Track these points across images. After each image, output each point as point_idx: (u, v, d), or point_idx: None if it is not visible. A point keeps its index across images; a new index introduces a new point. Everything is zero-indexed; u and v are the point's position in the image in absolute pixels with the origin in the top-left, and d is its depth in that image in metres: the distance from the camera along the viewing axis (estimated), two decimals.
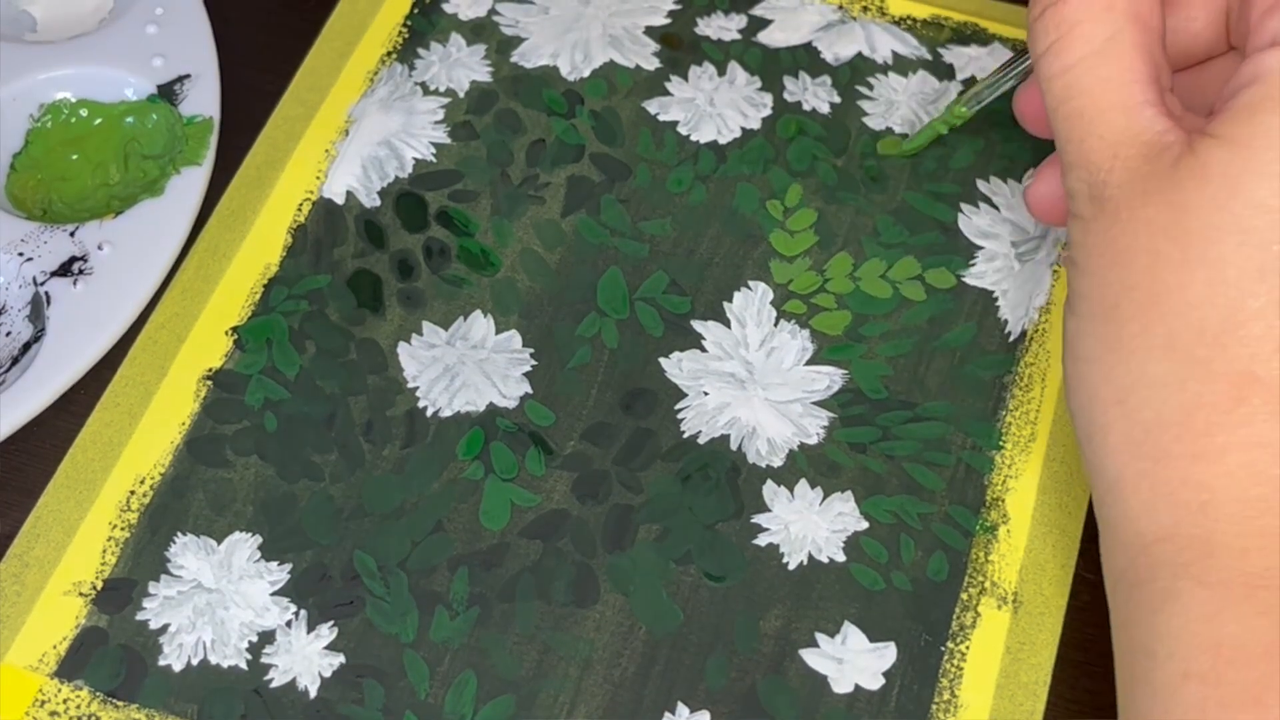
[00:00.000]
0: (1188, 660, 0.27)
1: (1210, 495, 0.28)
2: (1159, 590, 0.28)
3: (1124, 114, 0.29)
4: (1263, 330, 0.27)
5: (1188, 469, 0.28)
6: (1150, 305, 0.29)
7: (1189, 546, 0.28)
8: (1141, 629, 0.29)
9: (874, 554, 0.36)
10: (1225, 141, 0.28)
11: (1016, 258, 0.40)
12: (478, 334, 0.39)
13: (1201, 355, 0.28)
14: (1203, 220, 0.28)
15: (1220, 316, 0.28)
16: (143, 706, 0.34)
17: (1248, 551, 0.28)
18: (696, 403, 0.38)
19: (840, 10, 0.45)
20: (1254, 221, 0.27)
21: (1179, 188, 0.28)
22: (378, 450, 0.37)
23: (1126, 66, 0.29)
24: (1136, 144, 0.29)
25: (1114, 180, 0.29)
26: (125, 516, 0.37)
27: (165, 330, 0.39)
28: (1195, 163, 0.28)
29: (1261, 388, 0.28)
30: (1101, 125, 0.29)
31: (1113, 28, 0.29)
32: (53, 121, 0.42)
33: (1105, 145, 0.29)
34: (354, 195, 0.42)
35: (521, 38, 0.45)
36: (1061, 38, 0.30)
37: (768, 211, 0.41)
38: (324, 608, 0.35)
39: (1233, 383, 0.28)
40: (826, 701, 0.34)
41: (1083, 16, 0.30)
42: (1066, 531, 0.36)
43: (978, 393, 0.38)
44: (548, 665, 0.34)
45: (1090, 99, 0.30)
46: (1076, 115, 0.30)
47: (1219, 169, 0.28)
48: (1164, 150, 0.29)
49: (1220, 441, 0.28)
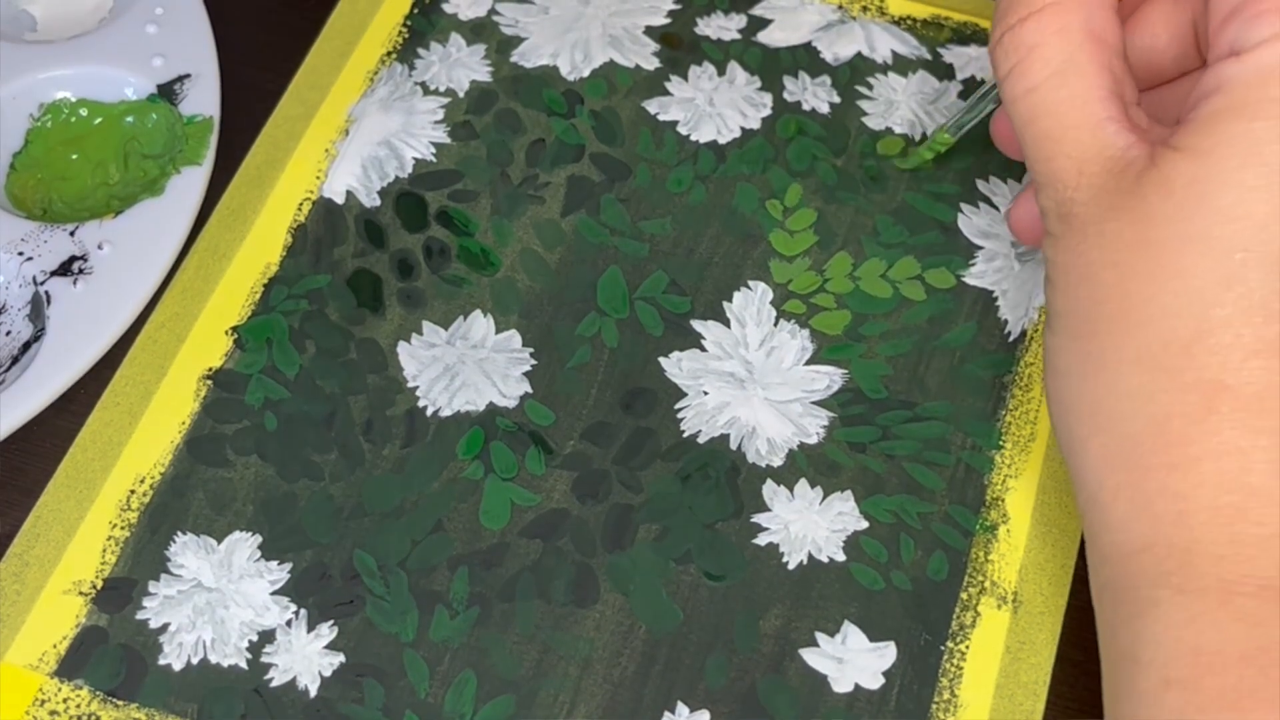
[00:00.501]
0: (1168, 667, 0.28)
1: (1186, 504, 0.28)
2: (1140, 598, 0.29)
3: (1088, 131, 0.29)
4: (1230, 339, 0.28)
5: (1164, 479, 0.28)
6: (1120, 318, 0.29)
7: (1168, 555, 0.28)
8: (1125, 636, 0.29)
9: (874, 553, 0.36)
10: (1188, 152, 0.28)
11: (1016, 258, 0.40)
12: (478, 333, 0.39)
13: (1171, 366, 0.28)
14: (1168, 232, 0.28)
15: (1188, 327, 0.28)
16: (143, 706, 0.34)
17: (1223, 559, 0.28)
18: (696, 402, 0.38)
19: (840, 10, 0.45)
20: (1218, 231, 0.27)
21: (1144, 201, 0.28)
22: (378, 450, 0.37)
23: (1088, 85, 0.29)
24: (1101, 160, 0.29)
25: (1080, 197, 0.29)
26: (125, 516, 0.37)
27: (165, 330, 0.39)
28: (1159, 175, 0.28)
29: (1230, 396, 0.28)
30: (1067, 144, 0.30)
31: (1069, 48, 0.30)
32: (53, 121, 0.42)
33: (1072, 163, 0.30)
34: (354, 195, 0.42)
35: (521, 37, 0.45)
36: (1021, 61, 0.30)
37: (767, 211, 0.41)
38: (324, 607, 0.35)
39: (1203, 392, 0.28)
40: (826, 701, 0.34)
41: (1039, 39, 0.30)
42: (1066, 531, 0.36)
43: (978, 392, 0.38)
44: (547, 665, 0.34)
45: (1054, 119, 0.30)
46: (1043, 136, 0.30)
47: (1182, 180, 0.28)
48: (1128, 165, 0.29)
49: (1194, 451, 0.28)
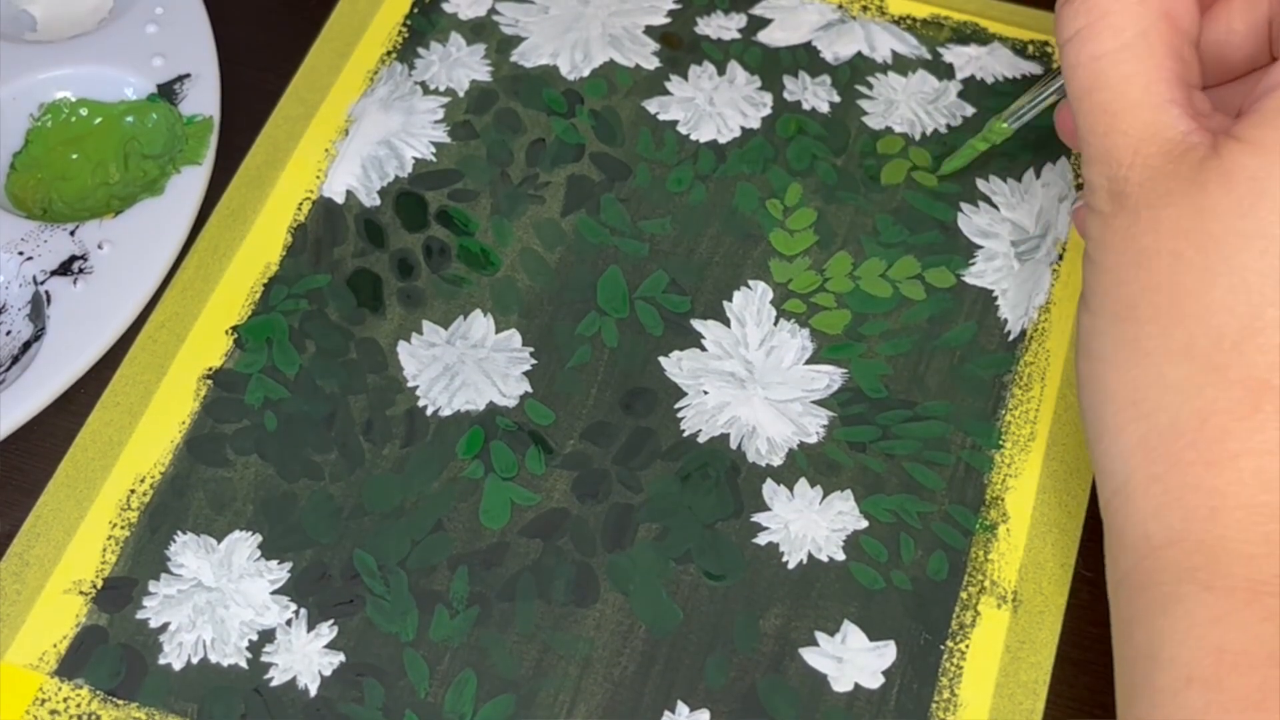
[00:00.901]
0: (1190, 665, 0.27)
1: (1220, 501, 0.28)
2: (1164, 594, 0.28)
3: (1149, 111, 0.29)
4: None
5: (1200, 475, 0.28)
6: (1170, 308, 0.28)
7: (1196, 551, 0.28)
8: (1144, 632, 0.29)
9: (874, 553, 0.36)
10: (1252, 145, 0.27)
11: (1016, 257, 0.40)
12: (477, 333, 0.39)
13: (1219, 362, 0.28)
14: (1226, 225, 0.28)
15: (1239, 324, 0.28)
16: (143, 705, 0.34)
17: (1254, 558, 0.28)
18: (696, 402, 0.38)
19: (840, 9, 0.45)
20: (1278, 229, 0.27)
21: (1203, 190, 0.28)
22: (378, 449, 0.37)
23: (1154, 64, 0.29)
24: (1159, 142, 0.29)
25: (1134, 178, 0.29)
26: (125, 515, 0.37)
27: (165, 329, 0.39)
28: (1220, 166, 0.28)
29: (1276, 395, 0.28)
30: (1125, 120, 0.29)
31: (1143, 23, 0.29)
32: (53, 121, 0.42)
33: (1128, 141, 0.29)
34: (354, 194, 0.42)
35: (521, 37, 0.45)
36: (1089, 25, 0.29)
37: (767, 211, 0.41)
38: (324, 606, 0.35)
39: (1249, 390, 0.28)
40: (826, 700, 0.34)
41: (1113, 7, 0.29)
42: (1066, 530, 0.36)
43: (977, 392, 0.38)
44: (547, 664, 0.34)
45: (1114, 92, 0.29)
46: (1100, 108, 0.29)
47: (1244, 173, 0.27)
48: (1188, 151, 0.28)
49: (1233, 448, 0.28)
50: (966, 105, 0.43)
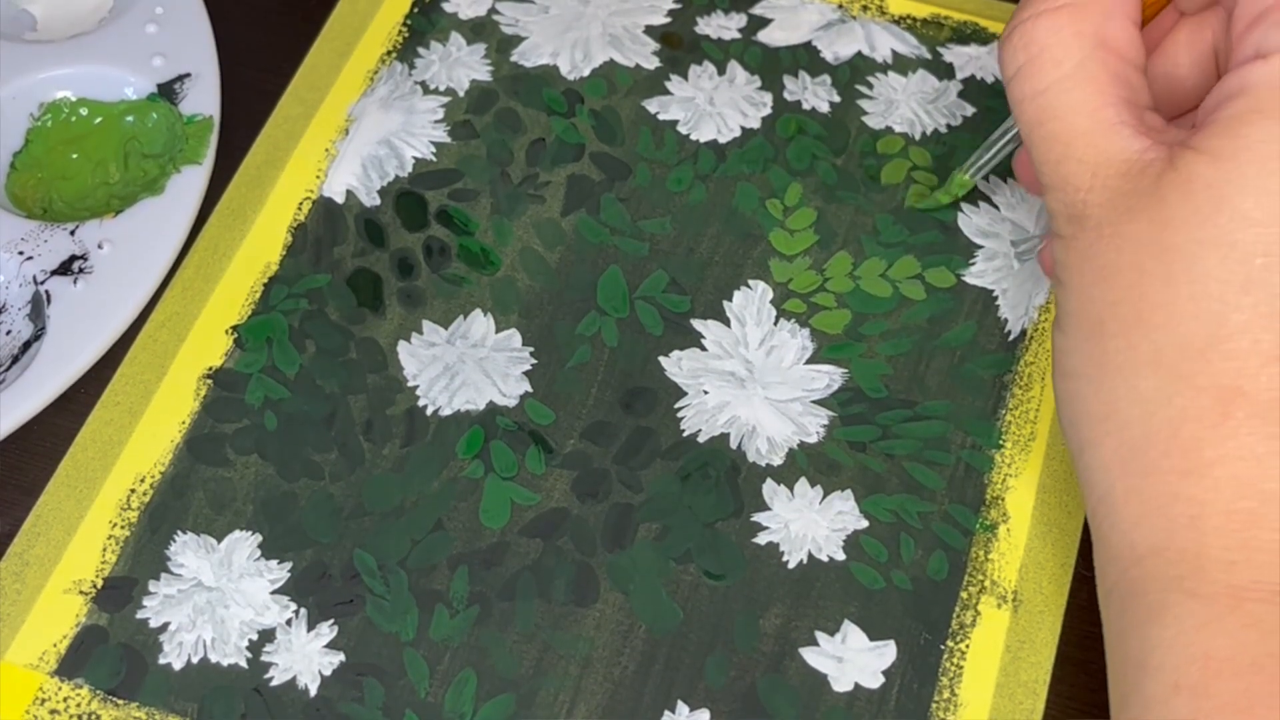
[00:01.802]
0: (1177, 672, 0.28)
1: (1199, 509, 0.28)
2: (1150, 603, 0.29)
3: (1100, 136, 0.29)
4: (1248, 344, 0.27)
5: (1177, 484, 0.28)
6: (1135, 321, 0.29)
7: (1179, 560, 0.28)
8: (1133, 641, 0.29)
9: (874, 553, 0.36)
10: (1209, 155, 0.28)
11: (1016, 257, 0.40)
12: (478, 333, 0.39)
13: (1187, 370, 0.28)
14: (1186, 235, 0.28)
15: (1205, 331, 0.28)
16: (143, 705, 0.34)
17: (1235, 564, 0.28)
18: (696, 401, 0.38)
19: (840, 9, 0.45)
20: (1238, 235, 0.27)
21: (1162, 203, 0.28)
22: (378, 449, 0.37)
23: (1097, 90, 0.29)
24: (1115, 164, 0.29)
25: (1094, 200, 0.29)
26: (125, 515, 0.37)
27: (165, 329, 0.39)
28: (1178, 177, 0.28)
29: (1246, 401, 0.28)
30: (1078, 148, 0.29)
31: (1081, 53, 0.29)
32: (53, 120, 0.42)
33: (1083, 167, 0.29)
34: (354, 194, 0.42)
35: (521, 37, 0.45)
36: (1029, 60, 0.30)
37: (767, 210, 0.41)
38: (324, 606, 0.35)
39: (1218, 397, 0.28)
40: (826, 700, 0.34)
41: (1050, 41, 0.30)
42: (1066, 530, 0.36)
43: (977, 392, 0.38)
44: (547, 664, 0.34)
45: (1063, 122, 0.30)
46: (1052, 138, 0.30)
47: (1202, 183, 0.28)
48: (1146, 167, 0.29)
49: (1208, 456, 0.28)
50: (967, 105, 0.43)
